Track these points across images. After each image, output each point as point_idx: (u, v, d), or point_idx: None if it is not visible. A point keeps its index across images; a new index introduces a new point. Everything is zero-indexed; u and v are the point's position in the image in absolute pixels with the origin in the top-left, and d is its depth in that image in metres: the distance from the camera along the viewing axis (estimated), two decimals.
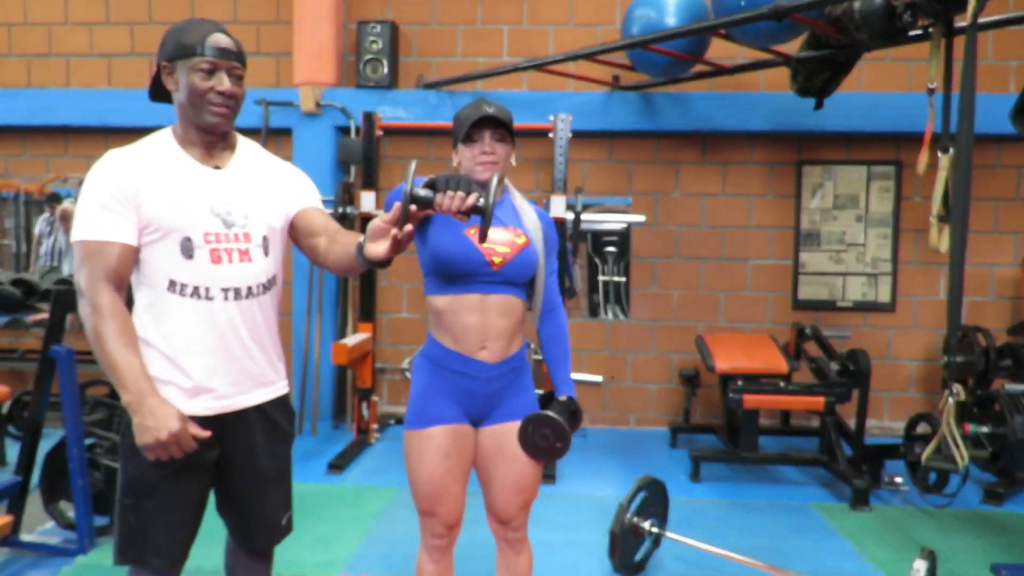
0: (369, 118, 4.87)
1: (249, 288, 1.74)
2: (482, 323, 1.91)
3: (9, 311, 4.32)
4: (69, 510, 3.13)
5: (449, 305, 1.92)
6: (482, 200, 1.54)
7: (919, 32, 3.45)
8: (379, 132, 4.95)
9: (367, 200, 4.84)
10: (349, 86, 5.33)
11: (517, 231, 1.95)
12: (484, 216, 1.52)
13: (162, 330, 1.68)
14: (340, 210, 4.82)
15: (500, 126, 1.93)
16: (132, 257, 1.66)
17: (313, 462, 4.36)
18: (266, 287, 1.78)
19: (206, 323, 1.69)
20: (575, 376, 5.07)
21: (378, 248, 1.59)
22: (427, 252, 1.93)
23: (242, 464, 1.81)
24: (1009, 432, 3.75)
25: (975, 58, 2.76)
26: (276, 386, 1.87)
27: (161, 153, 1.71)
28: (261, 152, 1.87)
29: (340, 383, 5.28)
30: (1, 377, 5.43)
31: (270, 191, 1.81)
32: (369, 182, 4.89)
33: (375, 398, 4.87)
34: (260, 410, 1.82)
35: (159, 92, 1.81)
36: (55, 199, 5.51)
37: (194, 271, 1.67)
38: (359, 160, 5.00)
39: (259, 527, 1.89)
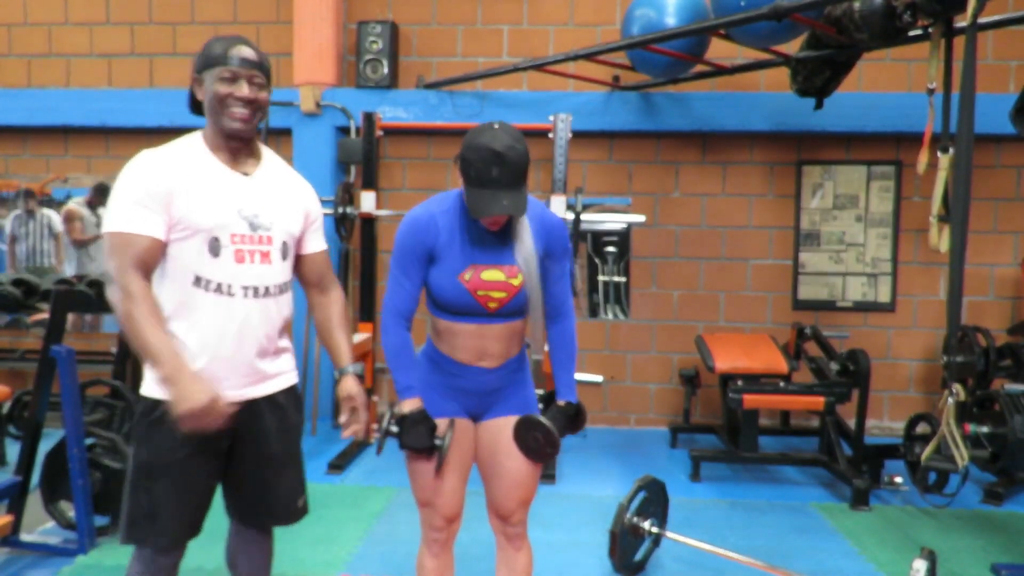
0: (369, 118, 4.87)
1: (267, 288, 1.85)
2: (480, 345, 1.94)
3: (9, 311, 4.32)
4: (69, 510, 3.13)
5: (448, 327, 1.95)
6: (438, 442, 1.91)
7: (919, 32, 3.45)
8: (379, 132, 4.95)
9: (367, 200, 4.85)
10: (349, 86, 5.33)
11: (513, 270, 1.89)
12: (440, 455, 1.91)
13: (183, 323, 1.78)
14: (340, 210, 4.82)
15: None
16: (160, 251, 1.74)
17: (313, 462, 4.36)
18: (282, 289, 1.90)
19: (225, 318, 1.79)
20: (576, 376, 5.06)
21: (342, 417, 1.98)
22: (429, 287, 1.94)
23: (254, 449, 1.90)
24: (1009, 432, 3.75)
25: (975, 58, 2.76)
26: (286, 376, 1.96)
27: (193, 156, 1.82)
28: (283, 164, 1.99)
29: None
30: (1, 377, 5.43)
31: (292, 203, 1.93)
32: (369, 182, 4.89)
33: (375, 398, 4.87)
34: (270, 399, 1.91)
35: (197, 105, 1.89)
36: (30, 195, 5.45)
37: (219, 269, 1.78)
38: (359, 160, 5.00)
39: (275, 505, 1.97)
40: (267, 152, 1.96)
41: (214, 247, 1.77)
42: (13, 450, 3.73)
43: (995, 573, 3.06)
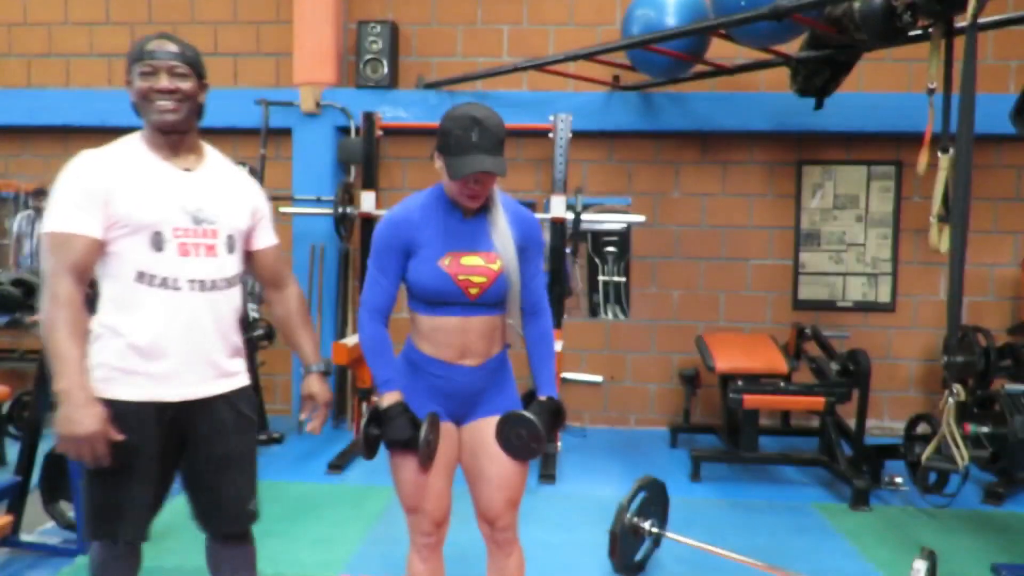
0: (369, 118, 4.88)
1: (214, 281, 1.85)
2: (463, 341, 1.93)
3: (9, 311, 4.32)
4: (69, 510, 3.12)
5: (430, 324, 1.94)
6: (420, 437, 1.88)
7: (919, 32, 3.45)
8: (379, 132, 4.95)
9: (367, 200, 4.85)
10: (349, 86, 5.33)
11: (491, 256, 1.91)
12: (419, 451, 1.89)
13: (130, 320, 1.77)
14: (340, 210, 4.83)
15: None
16: (97, 250, 1.75)
17: (313, 462, 4.37)
18: (229, 282, 1.90)
19: (173, 313, 1.79)
20: (576, 376, 5.08)
21: (303, 414, 2.08)
22: (408, 281, 1.95)
23: (211, 448, 1.90)
24: (1009, 432, 3.74)
25: (975, 58, 2.76)
26: (238, 377, 1.97)
27: (132, 154, 1.83)
28: (227, 162, 2.00)
29: (340, 383, 5.28)
30: (1, 377, 5.43)
31: (238, 197, 1.95)
32: (369, 182, 4.89)
33: (375, 398, 4.87)
34: (225, 398, 1.91)
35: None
36: (40, 194, 5.42)
37: (163, 263, 1.78)
38: (359, 160, 5.00)
39: (229, 509, 1.95)
40: (210, 149, 1.97)
41: (157, 242, 1.77)
42: (13, 450, 3.73)
43: (995, 573, 3.06)
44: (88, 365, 1.73)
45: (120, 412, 1.74)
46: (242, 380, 1.98)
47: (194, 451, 1.89)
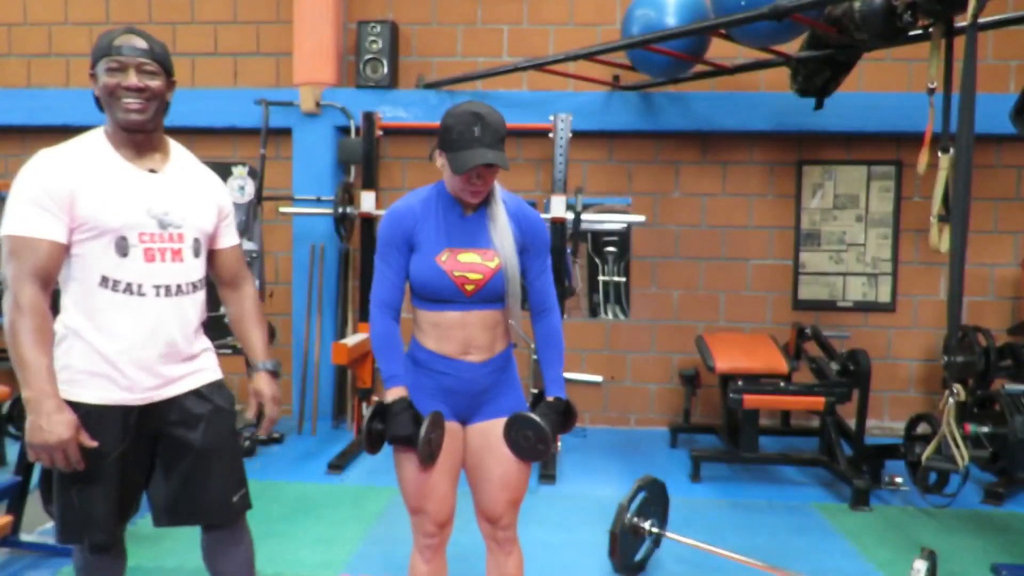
0: (369, 118, 4.87)
1: (179, 286, 1.83)
2: (464, 335, 1.94)
3: None
4: None
5: (432, 318, 1.95)
6: (421, 434, 1.85)
7: (919, 32, 3.45)
8: (379, 132, 4.95)
9: (367, 200, 4.85)
10: (349, 86, 5.33)
11: (489, 253, 1.92)
12: (419, 449, 1.86)
13: (94, 324, 1.74)
14: (340, 210, 4.83)
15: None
16: (61, 254, 1.71)
17: (313, 462, 4.37)
18: (195, 287, 1.88)
19: (138, 318, 1.76)
20: (576, 376, 5.07)
21: (251, 409, 2.01)
22: (408, 276, 1.96)
23: (186, 442, 1.86)
24: (1009, 432, 3.74)
25: (975, 58, 2.76)
26: (206, 373, 1.94)
27: (95, 153, 1.77)
28: (193, 159, 1.97)
29: (340, 383, 5.28)
30: (1, 377, 5.43)
31: (204, 198, 1.92)
32: (369, 182, 4.89)
33: (375, 398, 4.87)
34: (196, 393, 1.89)
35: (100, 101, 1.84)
36: None
37: (128, 269, 1.75)
38: (359, 160, 5.00)
39: (208, 500, 1.90)
40: (176, 147, 1.93)
41: (121, 247, 1.73)
42: (13, 450, 3.73)
43: (995, 573, 3.06)
44: (55, 369, 1.71)
45: (85, 414, 1.73)
46: (211, 375, 1.95)
47: (167, 447, 1.86)
